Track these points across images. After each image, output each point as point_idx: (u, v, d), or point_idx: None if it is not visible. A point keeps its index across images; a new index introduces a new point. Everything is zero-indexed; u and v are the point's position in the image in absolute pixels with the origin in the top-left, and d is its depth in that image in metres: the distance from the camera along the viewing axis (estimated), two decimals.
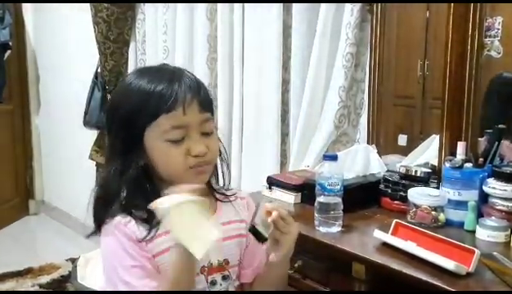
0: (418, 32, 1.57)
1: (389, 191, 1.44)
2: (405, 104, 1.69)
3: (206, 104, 0.92)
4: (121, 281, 0.86)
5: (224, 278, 0.96)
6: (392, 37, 1.64)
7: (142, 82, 0.90)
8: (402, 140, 1.64)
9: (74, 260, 2.61)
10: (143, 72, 0.95)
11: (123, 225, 0.88)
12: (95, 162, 2.95)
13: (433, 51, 1.52)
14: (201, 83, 0.94)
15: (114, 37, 2.61)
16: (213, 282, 0.94)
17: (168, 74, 0.91)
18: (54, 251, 3.02)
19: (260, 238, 0.86)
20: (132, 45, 2.66)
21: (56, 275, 2.59)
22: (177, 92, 0.88)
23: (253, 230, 0.86)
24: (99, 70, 2.79)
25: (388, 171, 1.54)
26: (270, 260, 0.92)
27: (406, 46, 1.65)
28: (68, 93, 3.39)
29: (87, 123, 2.87)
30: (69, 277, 2.55)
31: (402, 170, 1.45)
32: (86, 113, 2.87)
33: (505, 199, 1.23)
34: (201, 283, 0.92)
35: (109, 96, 2.78)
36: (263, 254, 0.96)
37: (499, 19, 1.33)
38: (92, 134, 2.95)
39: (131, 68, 2.67)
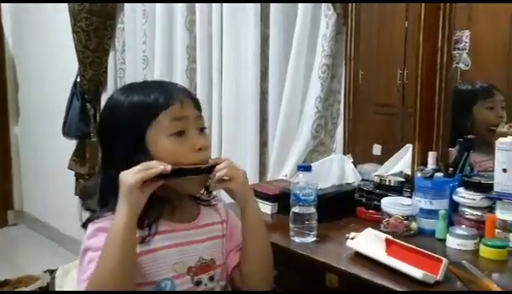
0: (398, 41, 1.61)
1: (364, 200, 1.45)
2: (386, 113, 1.72)
3: (198, 102, 1.01)
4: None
5: (211, 278, 0.99)
6: (372, 47, 1.67)
7: (136, 93, 0.97)
8: (377, 149, 1.67)
9: (52, 272, 2.58)
10: (132, 87, 1.01)
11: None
12: (74, 172, 2.93)
13: (412, 61, 1.55)
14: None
15: (94, 46, 2.60)
16: (198, 282, 0.97)
17: (158, 82, 1.04)
18: (33, 262, 2.97)
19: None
20: (111, 54, 2.65)
21: (33, 287, 2.55)
22: (172, 91, 0.97)
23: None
24: (78, 79, 2.78)
25: (362, 180, 1.56)
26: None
27: (386, 56, 1.68)
28: (47, 102, 3.36)
29: (66, 133, 2.84)
30: (48, 288, 2.52)
31: (376, 179, 1.47)
32: (65, 123, 2.84)
33: (474, 208, 1.26)
34: (186, 284, 0.95)
35: (88, 106, 2.76)
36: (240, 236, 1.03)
37: (467, 32, 1.37)
38: (72, 143, 2.92)
39: (110, 77, 2.66)
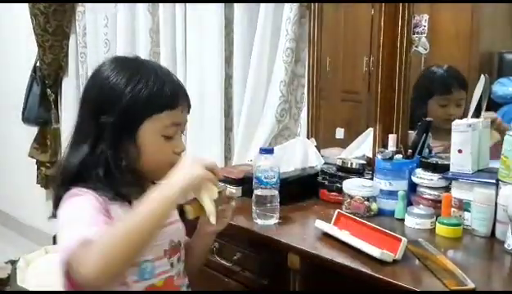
0: (364, 29, 1.61)
1: (326, 183, 1.47)
2: (352, 100, 1.74)
3: (190, 107, 1.01)
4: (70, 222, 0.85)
5: (178, 259, 1.02)
6: (339, 34, 1.68)
7: (140, 78, 0.92)
8: (340, 133, 1.69)
9: (13, 263, 2.51)
10: (133, 67, 0.95)
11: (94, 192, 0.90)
12: (35, 160, 2.85)
13: (378, 48, 1.56)
14: None
15: (53, 29, 2.51)
16: (172, 265, 1.00)
17: (167, 72, 0.99)
18: None
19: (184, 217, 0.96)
20: (72, 38, 2.57)
21: None
22: (181, 91, 0.97)
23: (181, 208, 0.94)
24: (38, 64, 2.68)
25: (325, 163, 1.58)
26: (203, 232, 1.05)
27: (353, 43, 1.69)
28: (5, 88, 3.24)
29: (25, 120, 2.75)
30: (9, 280, 2.45)
31: (339, 162, 1.49)
32: (24, 109, 2.75)
33: (432, 188, 1.30)
34: (164, 266, 0.98)
35: (49, 91, 2.67)
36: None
37: (425, 16, 1.39)
38: (32, 130, 2.83)
39: (71, 61, 2.58)
